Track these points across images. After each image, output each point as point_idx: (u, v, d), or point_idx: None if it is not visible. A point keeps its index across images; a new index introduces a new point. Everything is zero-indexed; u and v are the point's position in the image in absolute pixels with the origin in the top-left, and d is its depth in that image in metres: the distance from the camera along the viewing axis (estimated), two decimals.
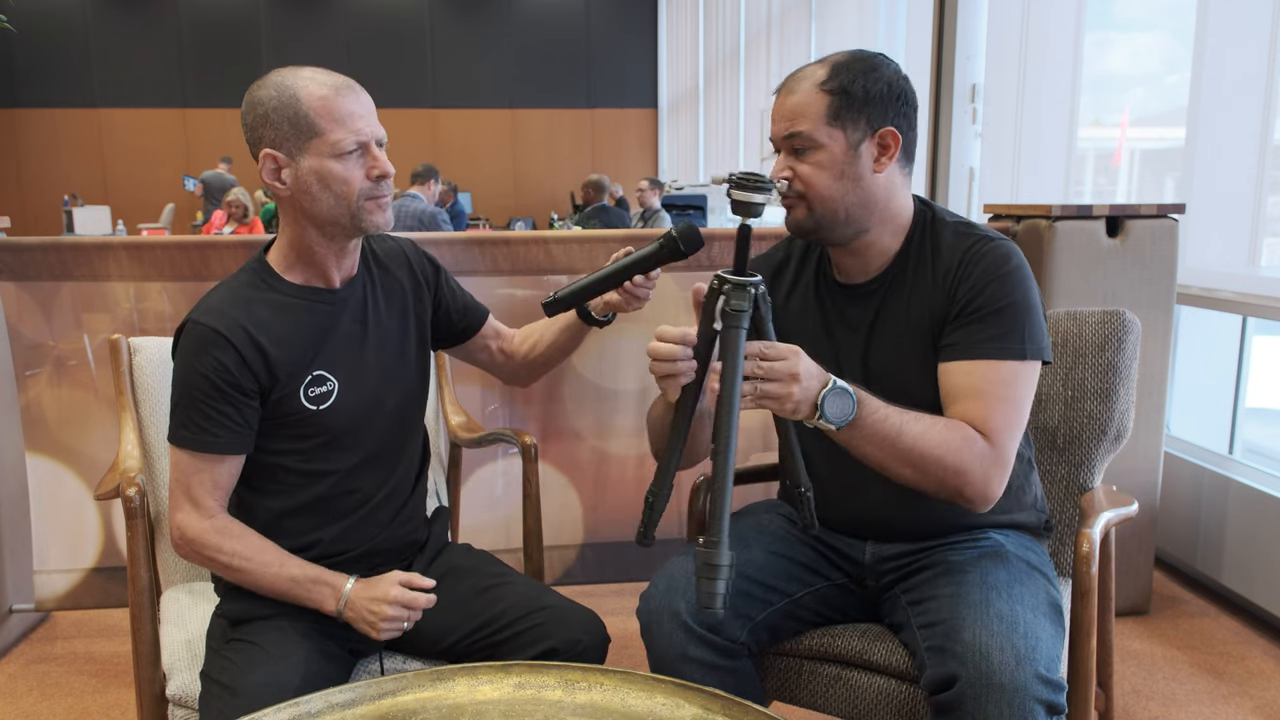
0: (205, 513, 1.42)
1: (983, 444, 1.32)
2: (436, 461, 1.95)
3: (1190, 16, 3.00)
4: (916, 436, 1.29)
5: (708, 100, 11.24)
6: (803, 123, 1.37)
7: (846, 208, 1.40)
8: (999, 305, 1.36)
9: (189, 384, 1.39)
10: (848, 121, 1.37)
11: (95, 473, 2.52)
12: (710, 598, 1.10)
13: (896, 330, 1.44)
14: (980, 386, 1.34)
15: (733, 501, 1.15)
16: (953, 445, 1.30)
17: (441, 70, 14.11)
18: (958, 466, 1.30)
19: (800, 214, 1.41)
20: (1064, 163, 3.92)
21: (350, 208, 1.39)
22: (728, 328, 1.18)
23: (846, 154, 1.38)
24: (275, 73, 1.41)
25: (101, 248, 2.46)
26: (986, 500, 1.34)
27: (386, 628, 1.39)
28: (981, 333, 1.36)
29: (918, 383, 1.39)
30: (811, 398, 1.22)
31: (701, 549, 1.10)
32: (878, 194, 1.41)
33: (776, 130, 1.41)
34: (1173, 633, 2.56)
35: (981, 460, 1.31)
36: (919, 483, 1.32)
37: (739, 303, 1.18)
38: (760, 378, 1.20)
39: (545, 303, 1.45)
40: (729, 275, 1.20)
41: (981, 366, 1.35)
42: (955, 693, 1.22)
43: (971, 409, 1.34)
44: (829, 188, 1.38)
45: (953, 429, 1.31)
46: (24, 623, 2.62)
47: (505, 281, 2.57)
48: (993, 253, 1.39)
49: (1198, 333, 3.11)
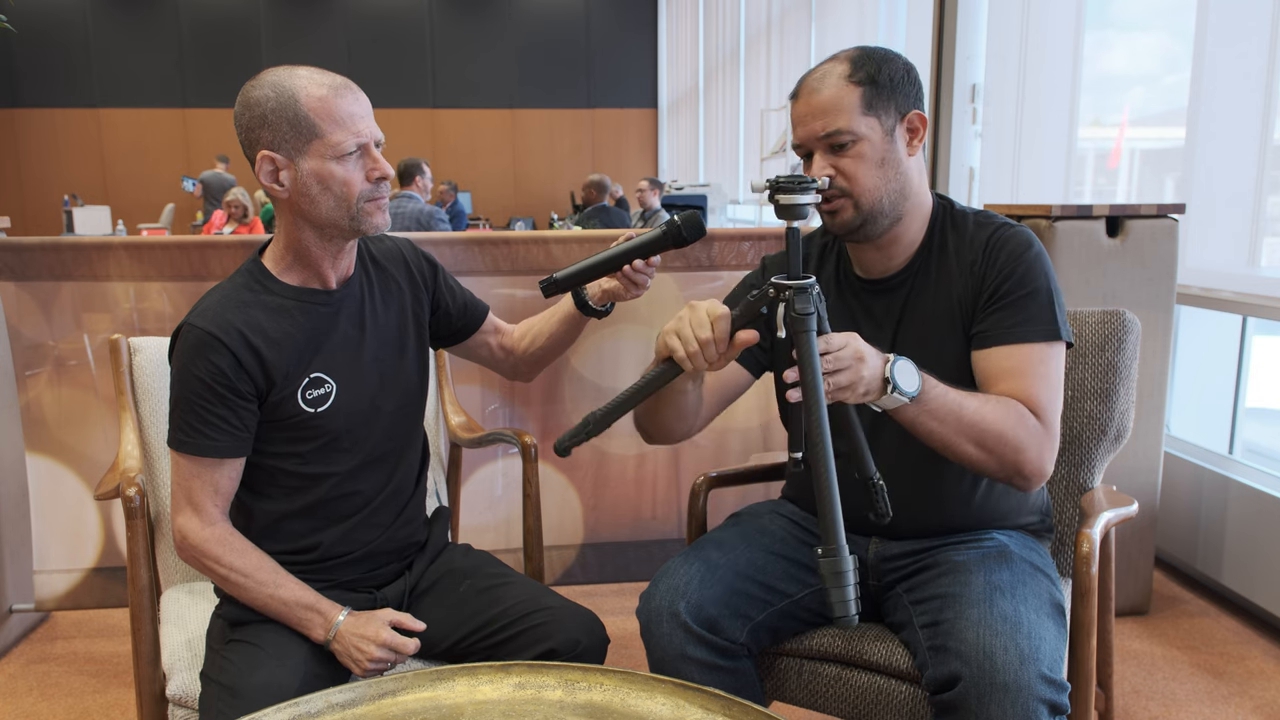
0: (207, 519, 1.41)
1: (1034, 421, 1.34)
2: (436, 462, 1.95)
3: (1190, 16, 3.00)
4: (976, 410, 1.30)
5: (708, 100, 11.24)
6: (839, 118, 1.38)
7: (889, 196, 1.41)
8: (1028, 289, 1.39)
9: (186, 388, 1.39)
10: (880, 110, 1.39)
11: (95, 473, 2.52)
12: (843, 605, 1.06)
13: (924, 323, 1.46)
14: (1022, 367, 1.37)
15: (738, 502, 1.14)
16: (1010, 421, 1.32)
17: (441, 70, 14.11)
18: (1017, 443, 1.32)
19: (848, 213, 1.41)
20: (1064, 163, 3.92)
21: (350, 210, 1.38)
22: (799, 333, 1.16)
23: (884, 141, 1.40)
24: (270, 72, 1.39)
25: (101, 248, 2.46)
26: (1042, 476, 1.36)
27: (371, 667, 1.39)
28: (1014, 317, 1.38)
29: (948, 373, 1.39)
30: (879, 374, 1.23)
31: (824, 559, 1.08)
32: (913, 179, 1.44)
33: (809, 131, 1.41)
34: (1173, 633, 2.56)
35: (1036, 436, 1.33)
36: (982, 461, 1.33)
37: (804, 306, 1.16)
38: (830, 371, 1.19)
39: (543, 283, 1.44)
40: (786, 281, 1.18)
41: (1020, 350, 1.37)
42: (958, 692, 1.22)
43: (1016, 389, 1.36)
44: (872, 177, 1.39)
45: (1007, 405, 1.33)
46: (24, 623, 2.62)
47: (505, 281, 2.57)
48: (1015, 239, 1.42)
49: (1198, 333, 3.11)
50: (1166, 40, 3.67)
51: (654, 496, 2.74)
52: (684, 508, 2.72)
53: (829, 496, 1.10)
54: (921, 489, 1.47)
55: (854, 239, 1.47)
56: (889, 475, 1.35)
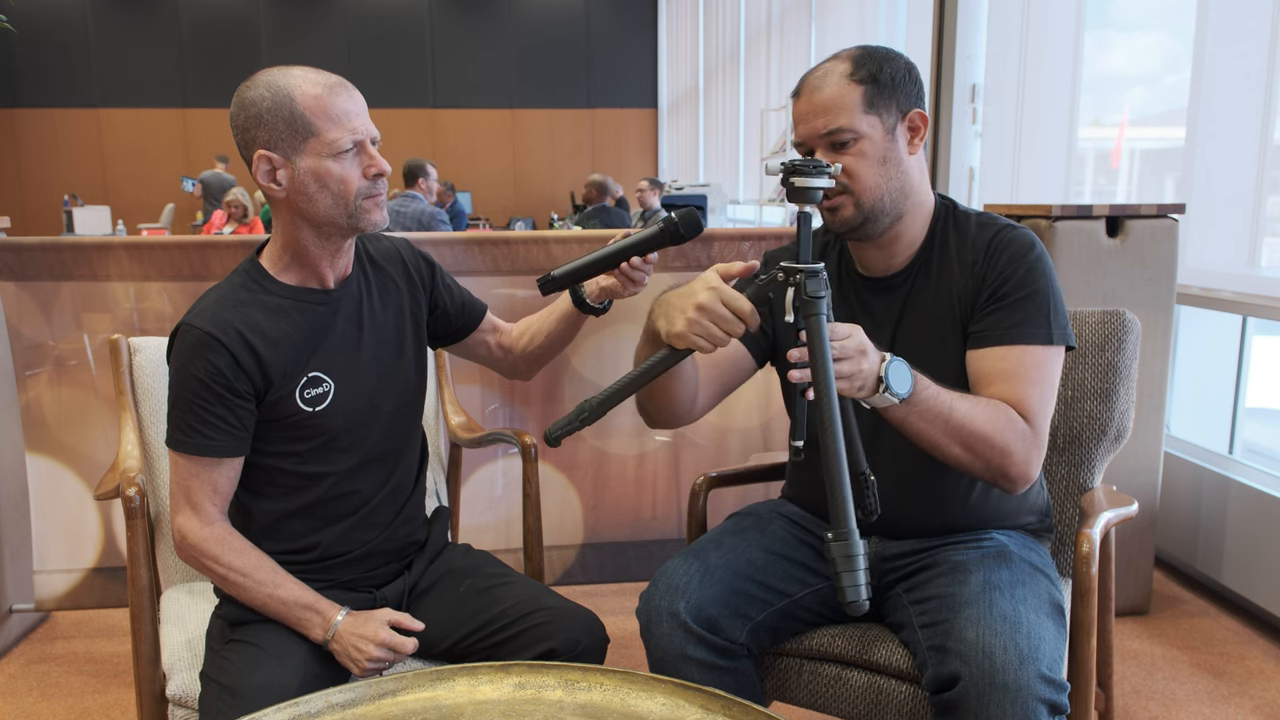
0: (206, 519, 1.41)
1: (1023, 424, 1.34)
2: (436, 461, 1.95)
3: (1190, 16, 3.00)
4: (966, 413, 1.31)
5: (708, 100, 11.24)
6: (841, 116, 1.38)
7: (889, 194, 1.42)
8: (1027, 291, 1.39)
9: (184, 388, 1.39)
10: (881, 108, 1.39)
11: (95, 473, 2.52)
12: (855, 590, 1.06)
13: (923, 321, 1.46)
14: (1014, 370, 1.37)
15: (738, 502, 1.14)
16: (998, 424, 1.32)
17: (441, 70, 14.11)
18: (1004, 446, 1.32)
19: (848, 211, 1.41)
20: (1064, 163, 3.92)
21: (348, 207, 1.38)
22: (810, 315, 1.15)
23: (885, 140, 1.40)
24: (264, 73, 1.39)
25: (101, 248, 2.46)
26: (1027, 480, 1.37)
27: (370, 666, 1.39)
28: (1011, 318, 1.39)
29: (945, 373, 1.39)
30: (875, 372, 1.23)
31: (834, 542, 1.08)
32: (913, 177, 1.44)
33: (811, 129, 1.41)
34: (1173, 633, 2.56)
35: (1023, 440, 1.34)
36: (968, 463, 1.34)
37: (816, 288, 1.16)
38: (835, 358, 1.19)
39: (541, 280, 1.45)
40: (797, 264, 1.18)
41: (1015, 351, 1.38)
42: (958, 692, 1.22)
43: (1007, 391, 1.36)
44: (873, 175, 1.40)
45: (996, 409, 1.33)
46: (24, 623, 2.62)
47: (505, 281, 2.57)
48: (1017, 240, 1.43)
49: (1198, 333, 3.11)
50: (1166, 40, 3.67)
51: (654, 496, 2.74)
52: (684, 508, 2.72)
53: (839, 479, 1.10)
54: (921, 489, 1.47)
55: (854, 237, 1.47)
56: (889, 474, 1.35)
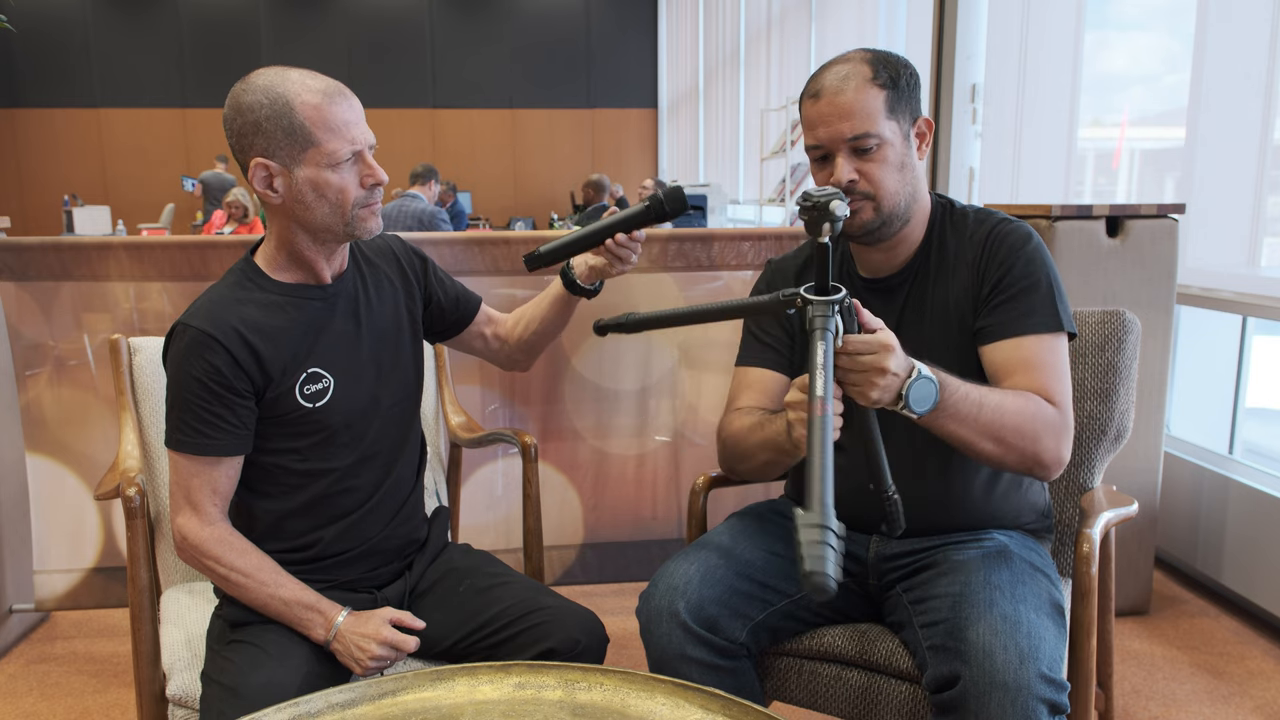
0: (206, 519, 1.41)
1: (1051, 410, 1.35)
2: (436, 461, 1.95)
3: (1190, 16, 3.00)
4: (996, 407, 1.31)
5: (708, 100, 11.24)
6: (867, 121, 1.37)
7: (905, 199, 1.43)
8: (1030, 282, 1.40)
9: (182, 388, 1.39)
10: (899, 113, 1.40)
11: (95, 473, 2.52)
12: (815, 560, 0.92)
13: (925, 320, 1.47)
14: (1032, 359, 1.38)
15: (738, 502, 1.13)
16: (1028, 413, 1.33)
17: (441, 70, 14.10)
18: (1035, 434, 1.33)
19: (868, 215, 1.41)
20: (1064, 163, 3.92)
21: (345, 215, 1.38)
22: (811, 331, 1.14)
23: (904, 145, 1.41)
24: (260, 75, 1.37)
25: (101, 248, 2.46)
26: (1060, 465, 1.37)
27: (372, 665, 1.39)
28: (1019, 309, 1.40)
29: (948, 369, 1.39)
30: (895, 390, 1.23)
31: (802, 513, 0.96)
32: (921, 181, 1.46)
33: (836, 133, 1.38)
34: (1173, 633, 2.56)
35: (1053, 425, 1.35)
36: (1000, 456, 1.34)
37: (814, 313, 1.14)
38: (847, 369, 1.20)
39: (527, 257, 1.45)
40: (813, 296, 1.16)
41: (1029, 341, 1.39)
42: (958, 692, 1.22)
43: (1030, 381, 1.37)
44: (894, 181, 1.40)
45: (1025, 399, 1.34)
46: (24, 623, 2.62)
47: (505, 281, 2.57)
48: (1014, 233, 1.44)
49: (1198, 333, 3.11)
50: (1166, 40, 3.67)
51: (654, 496, 2.74)
52: (684, 508, 2.72)
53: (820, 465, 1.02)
54: (922, 489, 1.47)
55: (867, 241, 1.46)
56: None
